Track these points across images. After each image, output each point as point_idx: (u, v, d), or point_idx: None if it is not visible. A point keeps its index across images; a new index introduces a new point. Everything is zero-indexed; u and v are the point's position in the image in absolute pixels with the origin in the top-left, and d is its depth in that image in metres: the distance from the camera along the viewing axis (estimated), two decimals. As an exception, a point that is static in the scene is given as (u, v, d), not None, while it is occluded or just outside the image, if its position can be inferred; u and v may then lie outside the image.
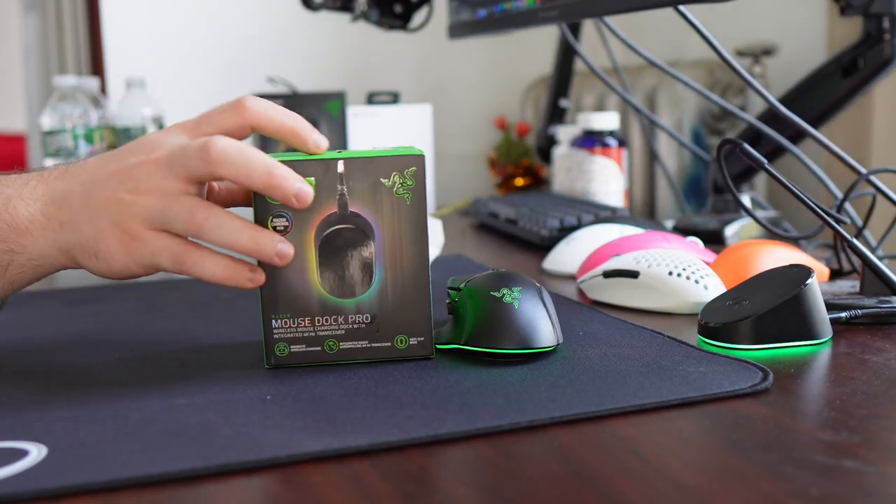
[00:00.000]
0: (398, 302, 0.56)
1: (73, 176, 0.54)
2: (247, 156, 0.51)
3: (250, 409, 0.48)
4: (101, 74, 1.75)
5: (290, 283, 0.55)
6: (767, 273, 0.61)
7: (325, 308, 0.55)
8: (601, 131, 1.13)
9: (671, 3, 0.79)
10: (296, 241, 0.54)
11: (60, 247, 0.54)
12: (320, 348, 0.56)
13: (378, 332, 0.56)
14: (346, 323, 0.56)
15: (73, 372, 0.55)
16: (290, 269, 0.55)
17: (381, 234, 0.55)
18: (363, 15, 1.29)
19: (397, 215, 0.55)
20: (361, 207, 0.55)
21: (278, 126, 0.54)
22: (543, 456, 0.42)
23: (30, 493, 0.38)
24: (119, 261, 0.53)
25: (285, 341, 0.56)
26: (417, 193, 0.55)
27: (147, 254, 0.52)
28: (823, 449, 0.41)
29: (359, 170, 0.54)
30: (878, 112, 1.26)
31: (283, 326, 0.55)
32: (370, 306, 0.56)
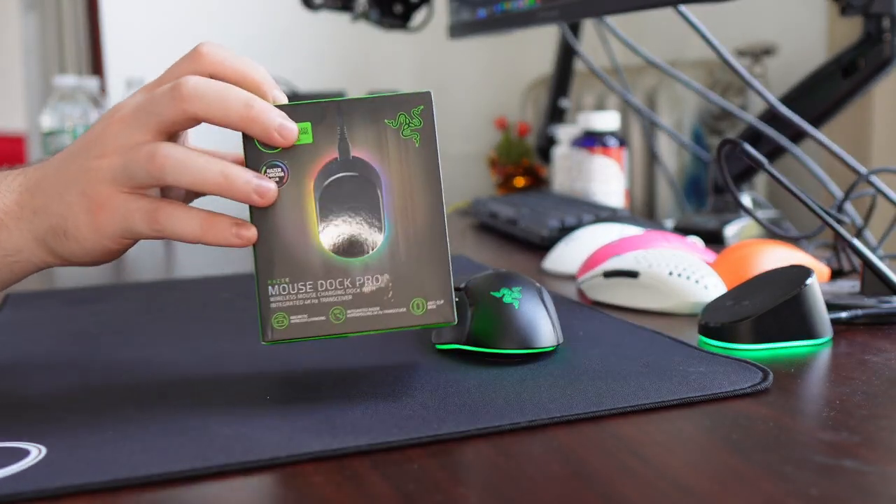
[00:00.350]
0: (412, 259, 0.49)
1: (49, 161, 0.51)
2: (221, 89, 0.47)
3: (250, 409, 0.48)
4: (101, 74, 1.75)
5: (288, 243, 0.48)
6: (768, 273, 0.61)
7: (328, 270, 0.48)
8: (601, 131, 1.13)
9: (671, 3, 0.79)
10: (294, 194, 0.48)
11: (35, 236, 0.50)
12: (325, 318, 0.48)
13: (391, 296, 0.48)
14: (354, 287, 0.48)
15: (72, 372, 0.55)
16: (287, 226, 0.48)
17: (388, 181, 0.49)
18: (363, 15, 1.29)
19: (406, 160, 0.49)
20: (365, 152, 0.49)
21: (240, 75, 0.49)
22: (543, 456, 0.42)
23: (30, 493, 0.38)
24: (90, 238, 0.49)
25: (284, 311, 0.48)
26: (427, 134, 0.49)
27: (118, 220, 0.48)
28: (823, 449, 0.41)
29: (360, 111, 0.48)
30: (878, 112, 1.26)
31: (280, 293, 0.48)
32: (381, 266, 0.48)
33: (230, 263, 0.97)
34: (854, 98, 0.95)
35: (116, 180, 0.48)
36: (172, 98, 0.46)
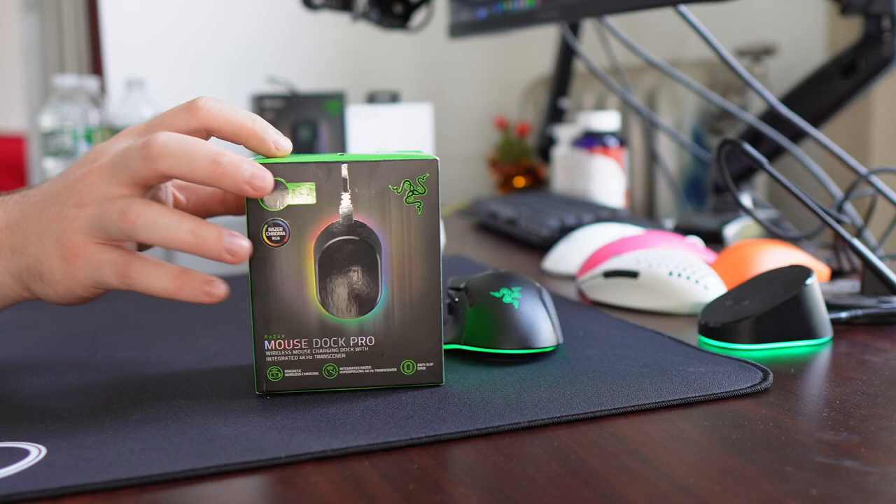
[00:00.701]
0: (405, 324, 0.50)
1: (29, 199, 0.51)
2: (189, 146, 0.46)
3: (250, 409, 0.48)
4: (101, 74, 1.75)
5: (286, 300, 0.49)
6: (767, 273, 0.61)
7: (324, 329, 0.49)
8: (601, 131, 1.13)
9: (671, 3, 0.79)
10: (294, 254, 0.49)
11: (13, 273, 0.50)
12: (318, 373, 0.50)
13: (383, 356, 0.50)
14: (348, 346, 0.50)
15: (73, 372, 0.55)
16: (286, 285, 0.49)
17: (388, 247, 0.49)
18: (363, 15, 1.29)
19: (407, 226, 0.49)
20: (367, 217, 0.49)
21: (236, 128, 0.49)
22: (543, 456, 0.42)
23: (30, 493, 0.38)
24: (62, 283, 0.49)
25: (279, 365, 0.50)
26: (430, 203, 0.49)
27: (89, 270, 0.48)
28: (823, 449, 0.41)
29: (365, 174, 0.48)
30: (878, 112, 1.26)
31: (276, 348, 0.49)
32: (374, 328, 0.50)
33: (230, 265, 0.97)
34: (854, 98, 0.95)
35: (91, 231, 0.48)
36: (142, 157, 0.46)
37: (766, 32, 1.45)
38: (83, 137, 1.24)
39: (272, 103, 1.21)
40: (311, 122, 1.22)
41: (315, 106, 1.22)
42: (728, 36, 1.40)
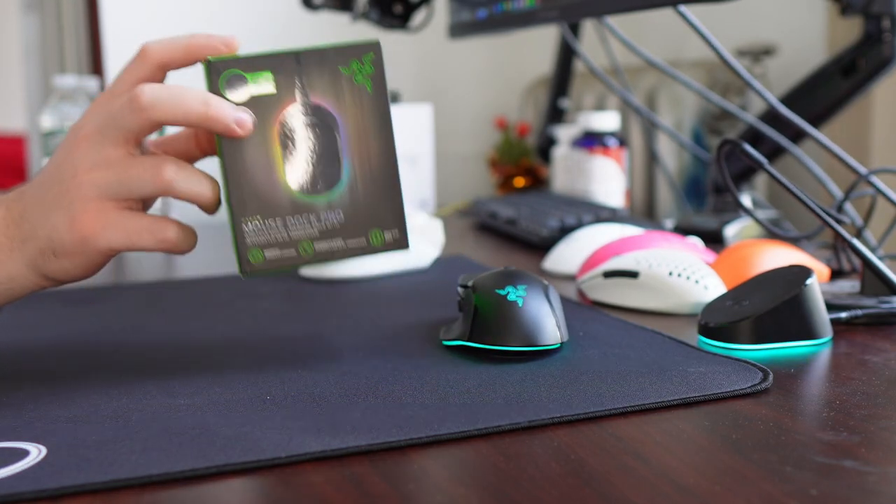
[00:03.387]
0: (369, 195, 0.54)
1: (27, 192, 0.53)
2: (178, 93, 0.50)
3: (250, 409, 0.48)
4: (101, 74, 1.75)
5: (258, 183, 0.52)
6: (767, 273, 0.61)
7: (295, 207, 0.53)
8: (601, 131, 1.13)
9: (671, 3, 0.79)
10: (260, 140, 0.52)
11: (26, 262, 0.52)
12: (295, 251, 0.53)
13: (352, 229, 0.54)
14: (319, 222, 0.53)
15: (73, 372, 0.55)
16: (255, 168, 0.52)
17: (345, 125, 0.53)
18: (363, 15, 1.29)
19: (359, 105, 0.53)
20: (323, 98, 0.53)
21: (184, 50, 0.52)
22: (543, 456, 0.42)
23: (30, 493, 0.38)
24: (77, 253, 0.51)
25: (258, 246, 0.52)
26: (377, 80, 0.53)
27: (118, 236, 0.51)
28: (823, 449, 0.41)
29: (316, 60, 0.53)
30: (878, 112, 1.26)
31: (254, 230, 0.52)
32: (342, 202, 0.53)
33: (230, 264, 0.97)
34: (854, 98, 0.95)
35: (102, 195, 0.50)
36: (132, 110, 0.49)
37: (766, 32, 1.45)
38: (83, 137, 1.24)
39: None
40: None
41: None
42: (728, 36, 1.40)
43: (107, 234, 0.51)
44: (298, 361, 0.57)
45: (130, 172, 0.50)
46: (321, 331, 0.64)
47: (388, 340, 0.61)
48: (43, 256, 0.52)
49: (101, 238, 0.51)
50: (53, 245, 0.51)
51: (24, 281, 0.53)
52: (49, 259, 0.52)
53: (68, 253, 0.51)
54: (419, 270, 0.86)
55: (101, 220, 0.50)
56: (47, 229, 0.51)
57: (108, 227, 0.51)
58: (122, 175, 0.50)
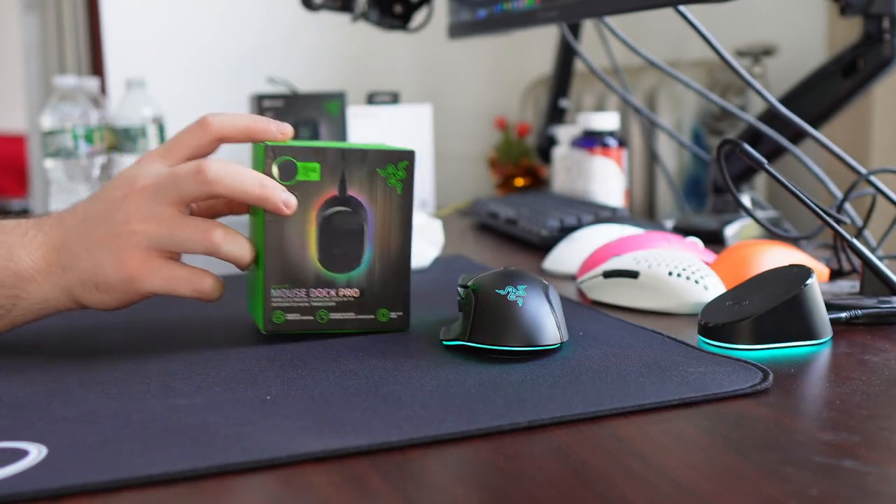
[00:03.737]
0: (383, 279, 0.62)
1: (68, 222, 0.58)
2: (239, 172, 0.56)
3: (250, 409, 0.48)
4: (101, 74, 1.75)
5: (291, 257, 0.60)
6: (767, 273, 0.61)
7: (319, 281, 0.61)
8: (601, 131, 1.13)
9: (671, 3, 0.79)
10: (299, 220, 0.60)
11: (63, 288, 0.58)
12: (313, 318, 0.61)
13: (364, 305, 0.62)
14: (338, 295, 0.61)
15: (73, 372, 0.55)
16: (292, 244, 0.60)
17: (373, 217, 0.61)
18: (363, 15, 1.29)
19: (389, 202, 0.62)
20: (359, 192, 0.61)
21: (242, 130, 0.59)
22: (543, 456, 0.42)
23: (30, 493, 0.38)
24: (118, 290, 0.57)
25: (282, 309, 0.61)
26: (407, 184, 0.62)
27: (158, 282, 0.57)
28: (823, 449, 0.41)
29: (358, 159, 0.60)
30: (878, 112, 1.26)
31: (281, 296, 0.60)
32: (359, 281, 0.62)
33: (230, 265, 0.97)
34: (854, 98, 0.95)
35: (151, 246, 0.57)
36: (197, 181, 0.56)
37: (766, 32, 1.45)
38: (83, 137, 1.24)
39: (272, 103, 1.21)
40: (311, 122, 1.22)
41: (315, 106, 1.22)
42: (728, 36, 1.40)
43: (151, 280, 0.57)
44: (298, 361, 0.57)
45: (182, 232, 0.56)
46: (321, 331, 0.64)
47: (388, 340, 0.61)
48: (83, 286, 0.57)
49: (145, 282, 0.57)
50: (97, 280, 0.57)
51: (56, 303, 0.59)
52: (89, 290, 0.57)
53: (110, 289, 0.57)
54: (419, 270, 0.86)
55: (146, 266, 0.57)
56: (92, 264, 0.57)
57: (153, 274, 0.57)
58: (174, 232, 0.56)
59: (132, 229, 0.56)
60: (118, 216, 0.56)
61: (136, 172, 0.58)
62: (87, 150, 1.25)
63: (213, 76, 1.76)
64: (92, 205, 0.58)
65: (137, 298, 0.59)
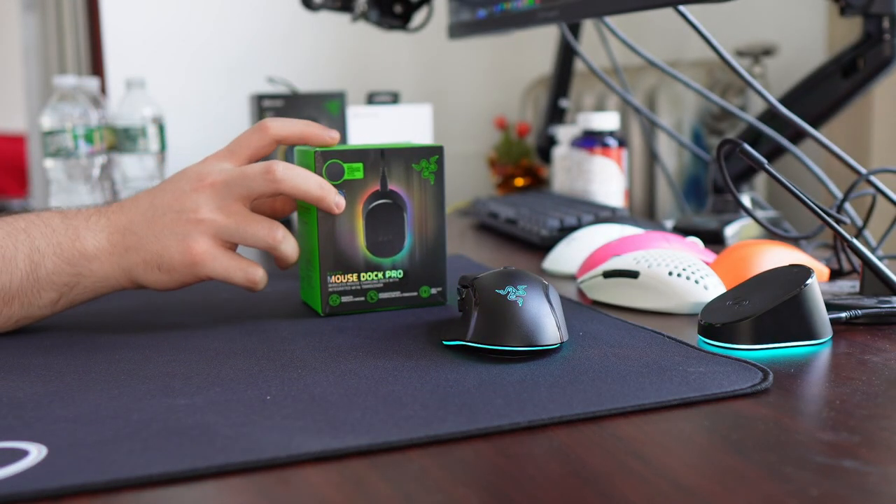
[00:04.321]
0: (423, 260, 0.70)
1: (131, 209, 0.64)
2: (303, 174, 0.64)
3: (250, 409, 0.48)
4: (101, 74, 1.75)
5: (343, 246, 0.68)
6: (767, 273, 0.61)
7: (368, 265, 0.69)
8: (601, 131, 1.13)
9: (671, 4, 0.79)
10: (348, 213, 0.68)
11: (124, 268, 0.63)
12: (364, 298, 0.69)
13: (408, 284, 0.70)
14: (385, 277, 0.70)
15: (73, 372, 0.55)
16: (343, 235, 0.68)
17: (411, 207, 0.70)
18: (363, 15, 1.29)
19: (424, 193, 0.70)
20: (397, 186, 0.69)
21: (299, 134, 0.66)
22: (543, 456, 0.42)
23: (30, 493, 0.38)
24: (179, 271, 0.63)
25: (338, 293, 0.68)
26: (439, 176, 0.71)
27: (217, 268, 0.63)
28: (823, 449, 0.41)
29: (396, 157, 0.69)
30: (878, 112, 1.26)
31: (336, 281, 0.68)
32: (402, 264, 0.70)
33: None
34: (854, 98, 0.95)
35: (217, 235, 0.63)
36: (266, 180, 0.62)
37: (766, 32, 1.45)
38: (83, 137, 1.24)
39: (272, 103, 1.21)
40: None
41: (315, 106, 1.22)
42: (728, 36, 1.40)
43: (213, 265, 0.63)
44: (298, 361, 0.57)
45: (251, 227, 0.63)
46: (321, 331, 0.64)
47: (388, 340, 0.61)
48: (146, 266, 0.63)
49: (207, 267, 0.63)
50: (162, 261, 0.62)
51: (114, 282, 0.64)
52: (151, 270, 0.63)
53: (172, 270, 0.63)
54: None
55: (210, 253, 0.62)
56: (159, 247, 0.62)
57: (215, 260, 0.63)
58: (243, 226, 0.63)
59: (201, 218, 0.62)
60: (188, 205, 0.62)
61: (204, 169, 0.64)
62: (87, 150, 1.25)
63: (212, 76, 1.76)
64: (158, 194, 0.64)
65: (193, 281, 0.64)
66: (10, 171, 3.61)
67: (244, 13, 1.78)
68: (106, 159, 1.30)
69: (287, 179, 0.63)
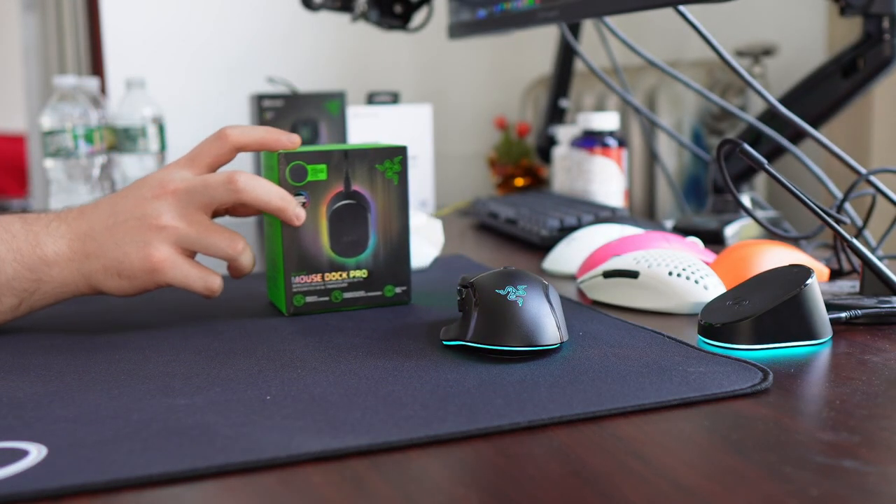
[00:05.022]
0: (387, 260, 0.71)
1: (92, 214, 0.64)
2: (264, 185, 0.64)
3: (250, 409, 0.48)
4: (101, 74, 1.75)
5: (307, 247, 0.68)
6: (767, 273, 0.61)
7: (332, 265, 0.69)
8: (601, 131, 1.13)
9: (671, 4, 0.79)
10: (312, 214, 0.68)
11: (84, 274, 0.63)
12: (328, 298, 0.70)
13: (372, 283, 0.71)
14: (349, 277, 0.70)
15: (73, 372, 0.55)
16: (307, 236, 0.68)
17: (375, 207, 0.70)
18: (363, 15, 1.29)
19: (387, 193, 0.70)
20: (361, 187, 0.69)
21: (258, 141, 0.67)
22: (543, 456, 0.42)
23: (30, 493, 0.38)
24: (139, 279, 0.63)
25: (302, 293, 0.69)
26: (402, 176, 0.70)
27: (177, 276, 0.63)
28: (823, 449, 0.41)
29: (359, 158, 0.69)
30: (878, 112, 1.26)
31: (300, 282, 0.69)
32: (367, 263, 0.70)
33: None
34: (854, 98, 0.95)
35: (181, 244, 0.63)
36: (228, 189, 0.63)
37: (765, 32, 1.45)
38: (83, 137, 1.24)
39: (272, 103, 1.21)
40: (311, 122, 1.22)
41: (315, 106, 1.22)
42: (728, 36, 1.40)
43: (173, 272, 0.63)
44: (298, 361, 0.57)
45: (212, 237, 0.63)
46: (321, 331, 0.64)
47: (388, 340, 0.61)
48: (105, 273, 0.63)
49: (167, 274, 0.63)
50: (122, 267, 0.62)
51: (74, 288, 0.64)
52: (111, 277, 0.63)
53: (132, 277, 0.63)
54: (419, 270, 0.86)
55: (170, 260, 0.63)
56: (118, 253, 0.62)
57: (175, 268, 0.63)
58: (204, 236, 0.63)
59: (162, 225, 0.62)
60: (149, 211, 0.62)
61: (166, 177, 0.64)
62: (87, 150, 1.25)
63: (212, 76, 1.76)
64: (119, 201, 0.64)
65: (153, 287, 0.64)
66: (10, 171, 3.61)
67: (244, 13, 1.78)
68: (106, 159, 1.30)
69: (249, 190, 0.63)
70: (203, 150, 0.66)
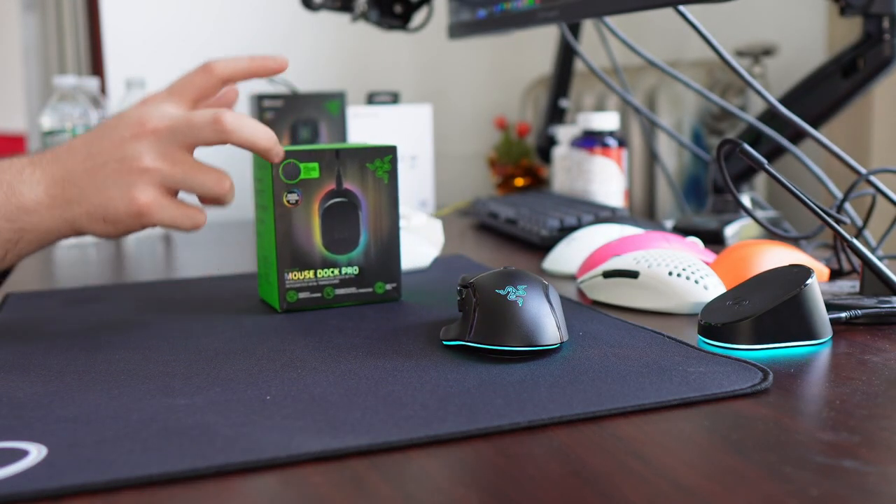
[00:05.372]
0: (378, 257, 0.72)
1: (68, 157, 0.61)
2: (251, 124, 0.61)
3: (250, 409, 0.48)
4: (101, 74, 1.75)
5: (300, 244, 0.70)
6: (767, 273, 0.61)
7: (324, 262, 0.71)
8: (601, 131, 1.13)
9: (671, 4, 0.79)
10: (304, 211, 0.69)
11: (67, 220, 0.61)
12: (321, 295, 0.71)
13: (363, 280, 0.72)
14: (341, 274, 0.71)
15: (73, 372, 0.55)
16: (299, 233, 0.69)
17: (366, 205, 0.71)
18: (363, 15, 1.29)
19: (378, 191, 0.72)
20: (352, 185, 0.71)
21: (245, 70, 0.64)
22: (543, 456, 0.42)
23: (30, 493, 0.38)
24: (124, 223, 0.60)
25: (295, 290, 0.70)
26: (392, 175, 0.72)
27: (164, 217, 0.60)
28: (823, 449, 0.41)
29: (351, 157, 0.70)
30: (878, 112, 1.26)
31: (293, 278, 0.70)
32: (358, 260, 0.72)
33: (229, 264, 0.97)
34: (854, 98, 0.95)
35: (166, 185, 0.60)
36: (214, 129, 0.60)
37: (765, 32, 1.45)
38: (83, 137, 1.24)
39: (272, 103, 1.21)
40: (311, 122, 1.22)
41: (315, 106, 1.22)
42: (728, 36, 1.40)
43: (160, 215, 0.60)
44: (298, 361, 0.57)
45: (199, 177, 0.60)
46: (321, 330, 0.64)
47: (388, 340, 0.61)
48: (89, 218, 0.60)
49: (154, 216, 0.60)
50: (106, 212, 0.60)
51: (58, 234, 0.62)
52: (95, 222, 0.61)
53: (117, 222, 0.60)
54: (419, 270, 0.86)
55: (156, 203, 0.60)
56: (102, 198, 0.60)
57: (162, 210, 0.60)
58: (191, 176, 0.60)
59: (145, 167, 0.59)
60: (129, 153, 0.59)
61: (145, 113, 0.61)
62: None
63: (213, 76, 1.75)
64: (94, 142, 0.61)
65: (139, 230, 0.62)
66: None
67: (244, 13, 1.78)
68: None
69: (237, 130, 0.60)
70: (186, 83, 0.63)
